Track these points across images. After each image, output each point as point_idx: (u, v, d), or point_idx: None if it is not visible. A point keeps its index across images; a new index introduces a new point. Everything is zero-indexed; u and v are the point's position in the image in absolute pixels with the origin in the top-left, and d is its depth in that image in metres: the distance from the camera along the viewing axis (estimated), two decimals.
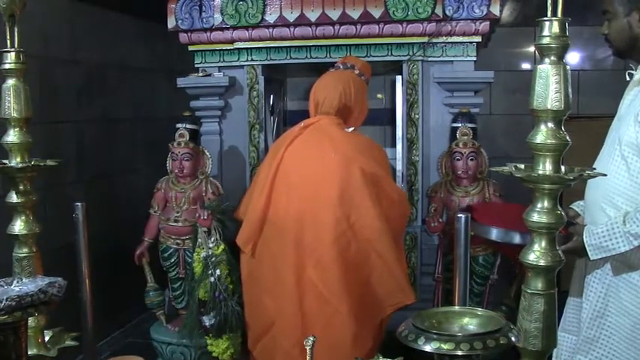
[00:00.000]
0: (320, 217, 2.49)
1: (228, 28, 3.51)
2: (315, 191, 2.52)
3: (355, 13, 3.34)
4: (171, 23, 3.58)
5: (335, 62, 3.04)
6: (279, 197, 2.58)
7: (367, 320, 2.52)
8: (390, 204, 2.59)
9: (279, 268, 2.56)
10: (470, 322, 1.33)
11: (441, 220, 3.21)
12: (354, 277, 2.49)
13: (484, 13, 3.26)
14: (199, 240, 3.07)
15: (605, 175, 1.66)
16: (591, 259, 1.98)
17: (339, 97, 2.67)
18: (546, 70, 1.21)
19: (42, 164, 1.77)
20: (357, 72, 2.84)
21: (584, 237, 1.97)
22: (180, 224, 3.35)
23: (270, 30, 3.46)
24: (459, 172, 3.18)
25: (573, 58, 4.81)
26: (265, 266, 2.63)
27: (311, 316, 2.51)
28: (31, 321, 1.65)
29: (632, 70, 2.07)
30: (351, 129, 2.75)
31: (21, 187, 1.76)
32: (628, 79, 2.07)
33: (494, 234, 2.61)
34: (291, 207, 2.55)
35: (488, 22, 3.31)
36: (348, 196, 2.48)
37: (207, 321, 2.92)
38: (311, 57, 3.50)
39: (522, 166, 1.31)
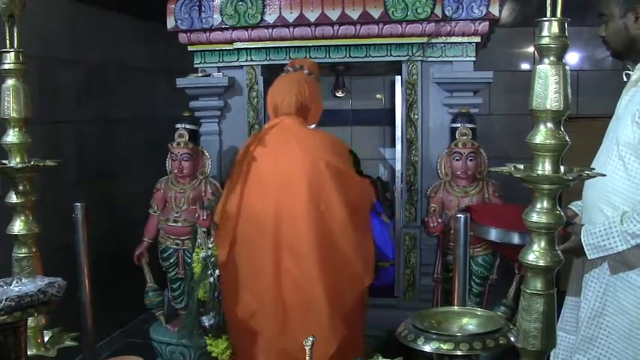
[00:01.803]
0: (294, 210, 2.61)
1: (227, 29, 3.51)
2: (286, 186, 2.64)
3: (355, 14, 3.34)
4: (170, 23, 3.58)
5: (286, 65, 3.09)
6: (252, 196, 2.69)
7: (339, 306, 2.61)
8: (358, 194, 2.77)
9: (257, 262, 2.65)
10: (469, 323, 1.33)
11: (439, 220, 3.21)
12: (328, 264, 2.59)
13: (483, 13, 3.26)
14: (199, 240, 3.07)
15: (605, 175, 1.66)
16: (589, 258, 1.98)
17: (295, 97, 2.79)
18: (545, 70, 1.21)
19: (41, 164, 1.77)
20: (306, 72, 2.95)
21: (581, 236, 1.97)
22: (179, 224, 3.35)
23: (270, 30, 3.46)
24: (459, 173, 3.18)
25: (573, 58, 4.82)
26: (243, 262, 2.70)
27: (291, 304, 2.61)
28: (30, 321, 1.65)
29: (630, 70, 2.08)
30: (312, 126, 2.89)
31: (20, 188, 1.76)
32: (625, 79, 2.08)
33: (494, 234, 2.62)
34: (265, 204, 2.65)
35: (487, 23, 3.31)
36: (316, 189, 2.61)
37: (206, 321, 2.92)
38: (310, 57, 3.49)
39: (522, 167, 1.31)
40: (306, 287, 2.58)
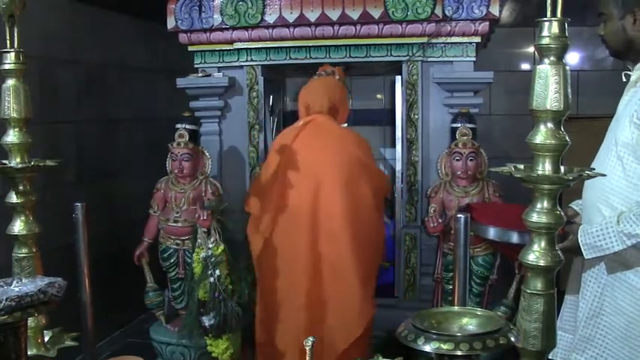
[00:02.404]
0: (330, 197, 2.79)
1: (227, 29, 3.51)
2: (322, 177, 2.83)
3: (355, 14, 3.34)
4: (170, 23, 3.58)
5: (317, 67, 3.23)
6: (291, 186, 2.85)
7: (370, 286, 2.82)
8: (380, 185, 3.01)
9: (295, 248, 2.79)
10: (469, 323, 1.33)
11: (440, 220, 3.20)
12: (358, 244, 2.76)
13: (483, 13, 3.27)
14: (199, 240, 3.07)
15: (605, 175, 1.66)
16: (586, 257, 1.98)
17: (328, 99, 3.00)
18: (546, 70, 1.21)
19: (42, 164, 1.77)
20: (337, 77, 3.13)
21: (578, 236, 1.97)
22: (179, 224, 3.35)
23: (270, 30, 3.46)
24: (459, 173, 3.18)
25: (573, 58, 4.81)
26: (281, 250, 2.84)
27: (326, 289, 2.76)
28: (31, 321, 1.65)
29: (629, 71, 2.08)
30: (344, 125, 3.13)
31: (21, 188, 1.76)
32: (624, 79, 2.08)
33: (492, 233, 2.62)
34: (303, 193, 2.81)
35: (487, 23, 3.31)
36: (349, 179, 2.83)
37: (206, 321, 2.92)
38: (310, 57, 3.50)
39: (522, 167, 1.31)
40: (341, 270, 2.75)
